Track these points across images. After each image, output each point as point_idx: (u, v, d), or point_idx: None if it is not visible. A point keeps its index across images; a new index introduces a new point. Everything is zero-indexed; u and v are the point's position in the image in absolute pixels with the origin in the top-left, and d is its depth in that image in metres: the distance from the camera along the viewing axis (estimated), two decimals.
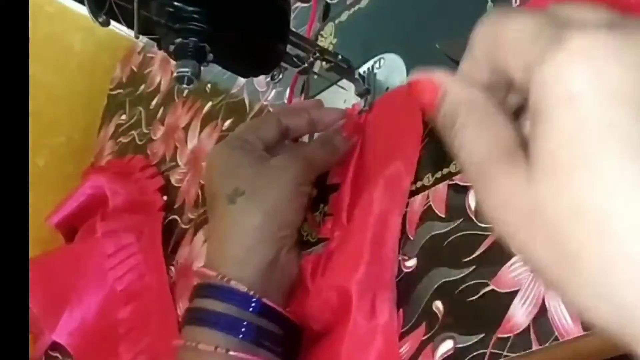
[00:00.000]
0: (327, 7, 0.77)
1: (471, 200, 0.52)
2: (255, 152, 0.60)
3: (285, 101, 0.76)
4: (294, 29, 0.61)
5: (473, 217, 0.51)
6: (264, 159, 0.60)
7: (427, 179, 0.56)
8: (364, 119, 0.64)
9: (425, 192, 0.56)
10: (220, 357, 0.53)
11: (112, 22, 0.55)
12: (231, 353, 0.53)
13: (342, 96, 0.68)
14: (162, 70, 1.06)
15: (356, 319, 0.53)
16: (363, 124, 0.64)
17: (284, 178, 0.58)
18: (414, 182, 0.57)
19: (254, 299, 0.55)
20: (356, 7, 0.73)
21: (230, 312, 0.54)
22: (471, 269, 0.49)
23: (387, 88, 0.64)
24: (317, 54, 0.62)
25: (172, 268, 0.81)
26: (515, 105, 0.31)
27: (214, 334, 0.54)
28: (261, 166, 0.59)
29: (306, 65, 0.62)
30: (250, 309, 0.55)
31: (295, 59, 0.62)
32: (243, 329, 0.54)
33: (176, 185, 0.88)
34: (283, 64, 0.60)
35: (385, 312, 0.52)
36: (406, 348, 0.51)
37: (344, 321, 0.53)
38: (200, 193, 0.83)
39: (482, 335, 0.47)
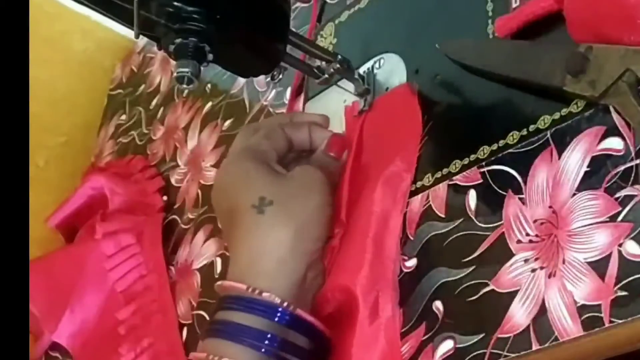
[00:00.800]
0: (322, 7, 0.77)
1: (471, 200, 0.52)
2: (272, 164, 0.58)
3: (286, 101, 0.76)
4: (294, 29, 0.61)
5: (473, 217, 0.51)
6: (281, 170, 0.58)
7: (427, 179, 0.56)
8: (364, 118, 0.64)
9: (425, 192, 0.56)
10: None
11: (112, 22, 0.55)
12: None
13: (342, 96, 0.68)
14: (162, 70, 1.06)
15: (362, 319, 0.53)
16: (363, 123, 0.64)
17: (313, 189, 0.56)
18: (414, 182, 0.57)
19: (287, 311, 0.52)
20: (356, 7, 0.73)
21: (259, 325, 0.51)
22: (471, 269, 0.49)
23: (387, 88, 0.64)
24: (339, 65, 0.62)
25: (172, 268, 0.81)
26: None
27: (240, 349, 0.51)
28: (284, 177, 0.57)
29: (327, 76, 0.63)
30: (282, 321, 0.52)
31: (316, 70, 0.63)
32: (273, 342, 0.51)
33: (176, 185, 0.88)
34: (283, 64, 0.60)
35: (388, 310, 0.53)
36: (406, 348, 0.51)
37: (351, 322, 0.53)
38: (200, 193, 0.83)
39: (482, 335, 0.47)
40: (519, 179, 0.49)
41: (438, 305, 0.51)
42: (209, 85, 0.91)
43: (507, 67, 0.53)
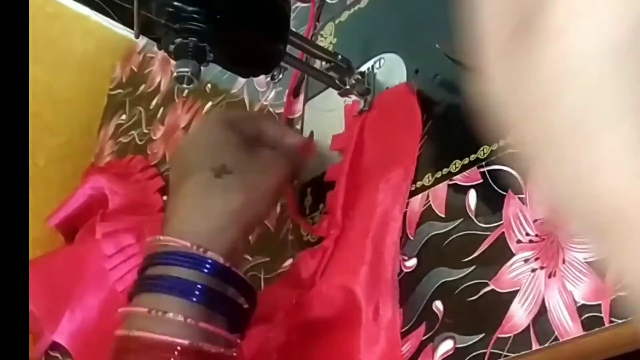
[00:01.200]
0: (320, 7, 0.77)
1: (471, 200, 0.52)
2: (248, 139, 0.60)
3: (285, 101, 0.76)
4: (294, 29, 0.61)
5: (473, 217, 0.51)
6: (254, 147, 0.60)
7: (427, 179, 0.56)
8: (364, 118, 0.64)
9: (425, 192, 0.56)
10: (188, 328, 0.51)
11: (112, 22, 0.55)
12: (200, 324, 0.51)
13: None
14: (162, 70, 1.06)
15: (366, 316, 0.53)
16: (362, 123, 0.64)
17: (275, 172, 0.59)
18: (414, 182, 0.57)
19: (230, 269, 0.54)
20: (356, 7, 0.73)
21: (200, 280, 0.52)
22: (471, 269, 0.49)
23: (387, 88, 0.64)
24: (361, 76, 0.64)
25: None
26: None
27: (188, 304, 0.52)
28: (253, 153, 0.59)
29: (348, 87, 0.64)
30: (220, 277, 0.53)
31: (338, 82, 0.63)
32: (206, 296, 0.52)
33: None
34: (283, 64, 0.60)
35: (388, 310, 0.53)
36: (407, 348, 0.51)
37: (354, 320, 0.53)
38: None
39: (482, 335, 0.47)
40: (519, 179, 0.49)
41: (438, 305, 0.51)
42: (209, 85, 0.91)
43: None
